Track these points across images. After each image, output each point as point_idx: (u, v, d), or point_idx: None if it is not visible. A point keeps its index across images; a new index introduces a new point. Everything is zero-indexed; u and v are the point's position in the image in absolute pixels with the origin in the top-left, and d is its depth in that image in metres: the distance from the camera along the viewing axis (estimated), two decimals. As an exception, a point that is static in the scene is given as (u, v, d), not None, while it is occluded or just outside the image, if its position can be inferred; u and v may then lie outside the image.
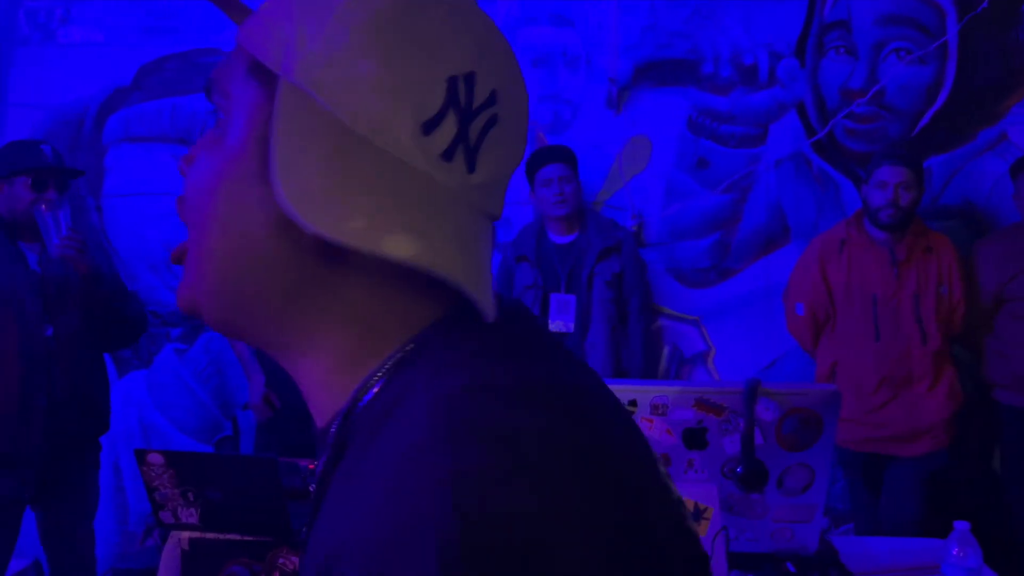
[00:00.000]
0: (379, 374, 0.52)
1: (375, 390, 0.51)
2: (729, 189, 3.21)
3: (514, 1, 3.28)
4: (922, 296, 2.66)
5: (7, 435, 2.41)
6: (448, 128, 0.50)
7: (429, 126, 0.49)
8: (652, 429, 1.72)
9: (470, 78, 0.51)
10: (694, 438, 1.72)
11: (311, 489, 0.58)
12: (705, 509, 1.69)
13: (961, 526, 1.67)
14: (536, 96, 3.30)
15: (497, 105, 0.52)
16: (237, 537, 2.01)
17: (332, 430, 0.53)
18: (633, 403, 1.72)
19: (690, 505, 1.69)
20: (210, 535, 2.02)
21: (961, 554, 1.65)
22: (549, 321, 3.01)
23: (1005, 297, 2.76)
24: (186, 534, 2.03)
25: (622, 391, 1.73)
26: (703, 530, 1.68)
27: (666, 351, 3.32)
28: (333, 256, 0.51)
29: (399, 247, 0.48)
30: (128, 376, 3.43)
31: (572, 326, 2.99)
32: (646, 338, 3.12)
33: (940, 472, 2.74)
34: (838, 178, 3.18)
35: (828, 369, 2.75)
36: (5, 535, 2.50)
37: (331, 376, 0.54)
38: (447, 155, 0.50)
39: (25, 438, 2.42)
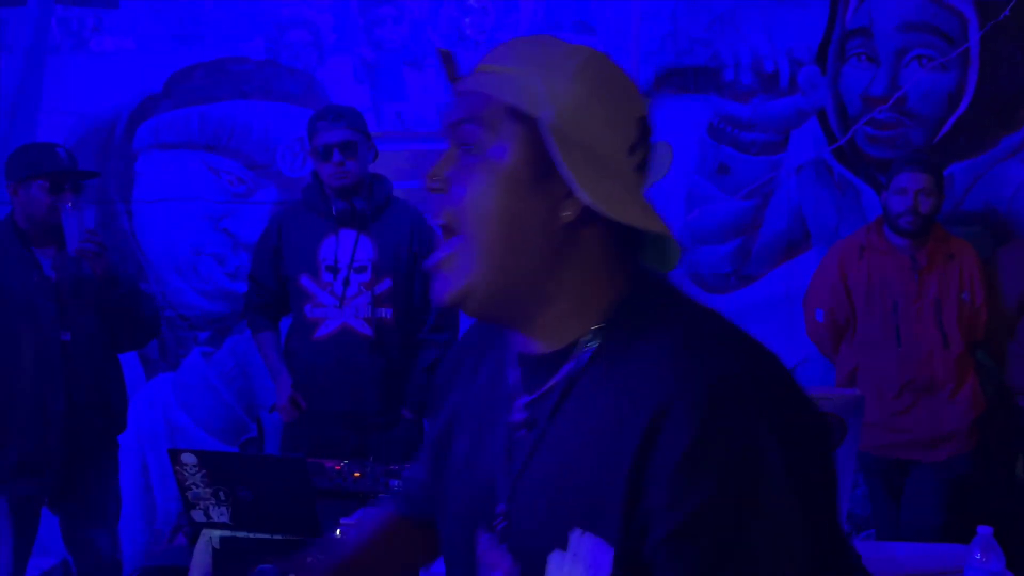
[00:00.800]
0: (612, 309, 0.78)
1: (609, 318, 0.78)
2: (750, 195, 3.23)
3: (538, 9, 3.31)
4: (944, 302, 2.66)
5: (27, 440, 2.44)
6: (640, 151, 0.79)
7: (632, 150, 0.78)
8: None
9: (645, 119, 0.80)
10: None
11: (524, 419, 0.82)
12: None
13: (984, 531, 1.68)
14: (558, 103, 3.33)
15: (650, 134, 0.80)
16: (267, 536, 2.05)
17: (584, 344, 0.78)
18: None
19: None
20: (241, 534, 2.06)
21: (984, 559, 1.66)
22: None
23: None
24: (217, 532, 2.08)
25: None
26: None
27: (686, 356, 3.34)
28: (574, 235, 0.77)
29: (649, 221, 0.76)
30: (156, 378, 3.49)
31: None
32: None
33: (963, 478, 2.74)
34: (859, 184, 3.19)
35: (848, 374, 2.75)
36: (25, 535, 2.53)
37: (572, 313, 0.79)
38: (637, 168, 0.79)
39: (44, 442, 2.45)
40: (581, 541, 0.72)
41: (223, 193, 3.44)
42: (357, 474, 2.33)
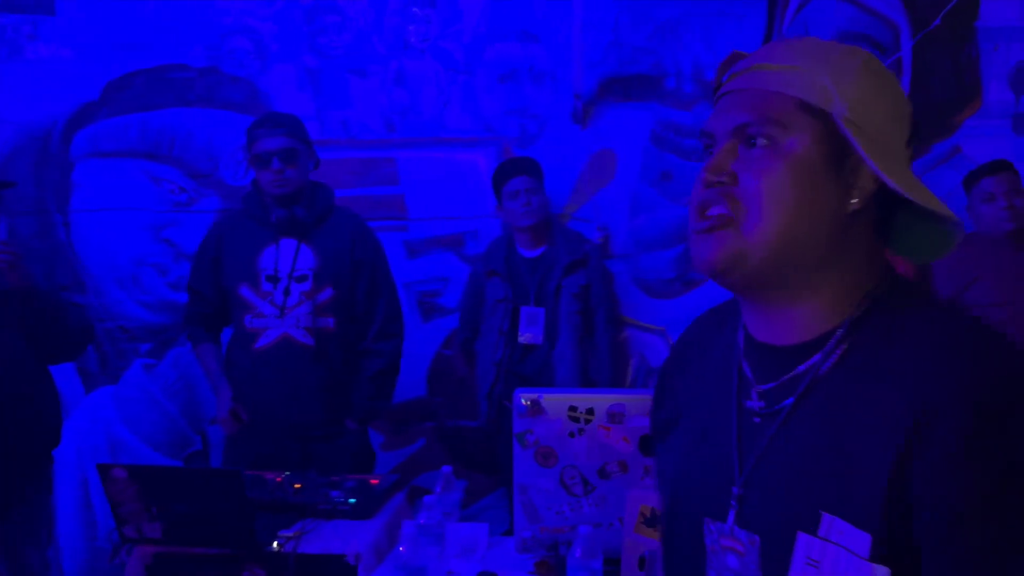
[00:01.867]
0: (865, 304, 0.81)
1: (862, 312, 0.81)
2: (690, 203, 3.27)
3: (481, 18, 3.33)
4: None
5: None
6: (912, 145, 0.84)
7: (909, 142, 0.83)
8: (609, 437, 1.76)
9: (912, 115, 0.84)
10: (650, 445, 1.75)
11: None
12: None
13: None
14: (503, 110, 3.34)
15: (918, 133, 0.85)
16: (203, 551, 2.01)
17: (838, 339, 0.81)
18: (591, 411, 1.75)
19: (647, 511, 1.73)
20: (175, 549, 2.02)
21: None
22: (519, 333, 3.05)
23: (960, 305, 2.84)
24: (150, 549, 2.04)
25: (579, 400, 1.77)
26: (657, 535, 1.71)
27: (633, 361, 3.37)
28: (852, 224, 0.81)
29: (942, 207, 0.80)
30: (95, 392, 3.42)
31: (541, 338, 3.02)
32: (613, 349, 3.16)
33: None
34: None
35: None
36: None
37: (827, 305, 0.82)
38: (909, 160, 0.84)
39: None
40: (833, 525, 0.75)
41: (164, 202, 3.38)
42: (297, 485, 2.30)
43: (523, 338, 3.04)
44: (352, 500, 2.21)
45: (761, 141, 0.81)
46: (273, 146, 2.54)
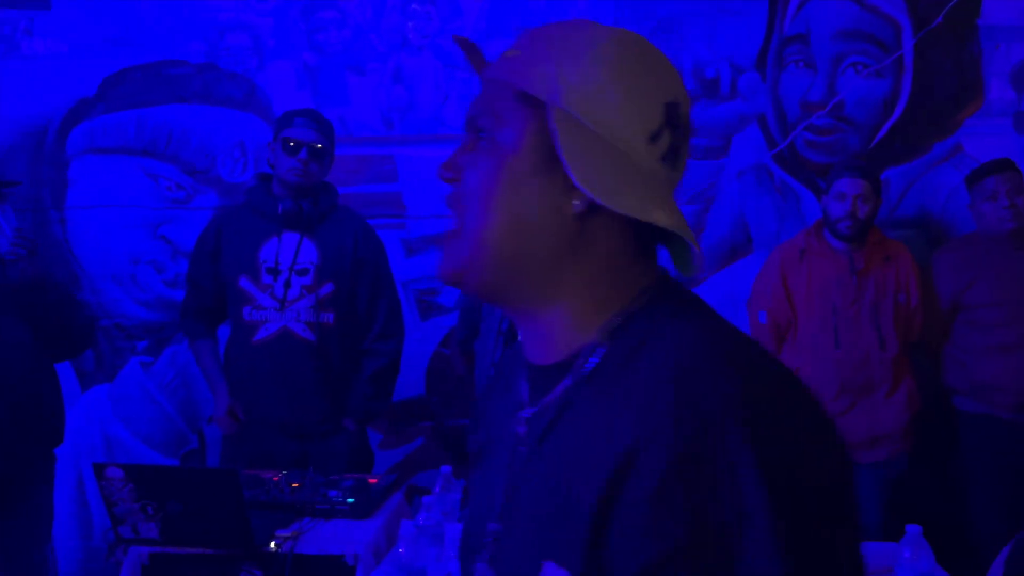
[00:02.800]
0: (619, 319, 0.72)
1: (615, 326, 0.71)
2: (693, 200, 3.25)
3: (481, 15, 3.31)
4: (880, 304, 2.71)
5: None
6: (665, 139, 0.72)
7: (654, 137, 0.72)
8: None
9: (676, 104, 0.73)
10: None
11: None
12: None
13: (913, 529, 1.70)
14: (502, 108, 3.32)
15: (687, 122, 0.75)
16: (199, 551, 2.00)
17: (585, 358, 0.72)
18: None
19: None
20: (171, 549, 2.01)
21: (913, 557, 1.68)
22: (519, 333, 3.03)
23: (962, 305, 2.82)
24: (146, 549, 2.02)
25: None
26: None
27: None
28: (585, 228, 0.72)
29: (658, 216, 0.70)
30: (91, 390, 3.39)
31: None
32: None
33: (901, 476, 2.78)
34: (799, 189, 3.24)
35: (790, 377, 2.78)
36: None
37: (576, 319, 0.73)
38: (664, 158, 0.72)
39: None
40: (548, 572, 0.67)
41: (161, 199, 3.36)
42: (295, 485, 2.28)
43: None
44: (350, 499, 2.20)
45: (483, 136, 0.74)
46: (307, 138, 2.54)
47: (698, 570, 0.60)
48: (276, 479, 2.30)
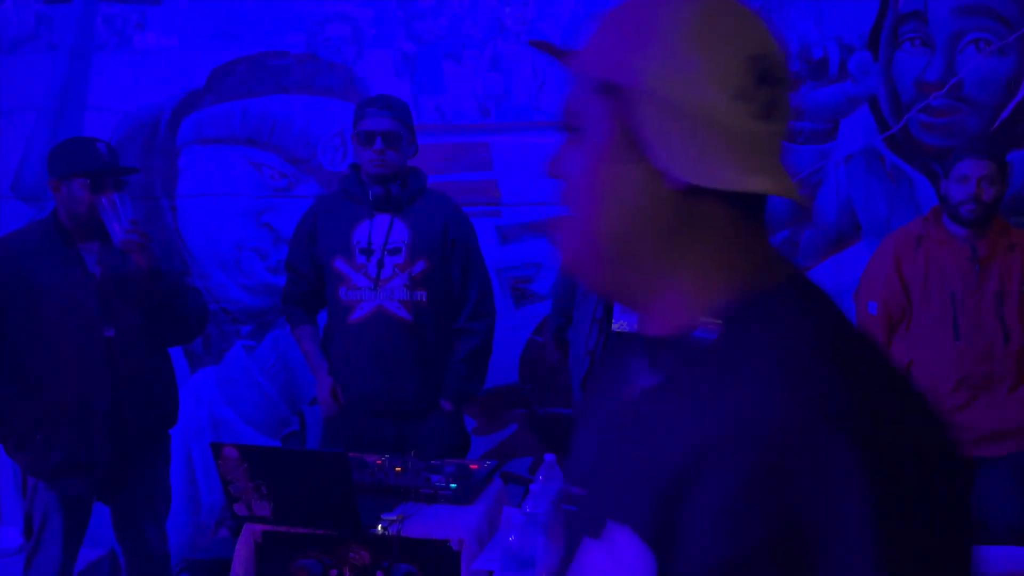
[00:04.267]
0: (732, 296, 0.69)
1: (725, 307, 0.69)
2: (798, 186, 3.15)
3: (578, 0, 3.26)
4: (1006, 294, 2.56)
5: (71, 439, 2.43)
6: (757, 94, 0.68)
7: (743, 96, 0.67)
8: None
9: (762, 56, 0.68)
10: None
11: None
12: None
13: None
14: (599, 93, 3.28)
15: (781, 70, 0.70)
16: (308, 531, 2.04)
17: (697, 334, 0.69)
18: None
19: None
20: (282, 528, 2.06)
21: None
22: (613, 321, 2.99)
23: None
24: (259, 527, 2.08)
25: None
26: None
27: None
28: (689, 205, 0.69)
29: (756, 182, 0.67)
30: (199, 372, 3.52)
31: (636, 326, 2.96)
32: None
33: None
34: (912, 174, 3.09)
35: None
36: (74, 531, 2.54)
37: (691, 295, 0.71)
38: (759, 115, 0.68)
39: (89, 441, 2.44)
40: (616, 534, 0.66)
41: (264, 188, 3.45)
42: (398, 469, 2.31)
43: (617, 325, 2.99)
44: (453, 485, 2.21)
45: (574, 130, 0.74)
46: (378, 127, 2.57)
47: (783, 568, 0.58)
48: (380, 462, 2.34)
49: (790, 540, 0.58)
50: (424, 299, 2.64)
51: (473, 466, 2.36)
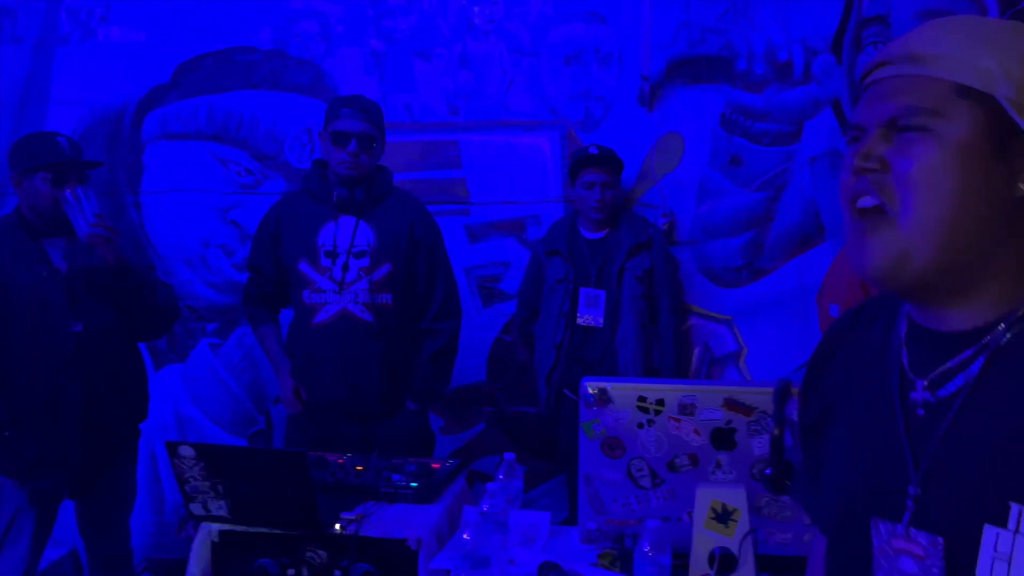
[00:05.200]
0: None
1: None
2: (762, 187, 3.17)
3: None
4: None
5: (41, 436, 2.40)
6: None
7: None
8: (680, 429, 1.71)
9: None
10: (722, 438, 1.70)
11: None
12: (733, 511, 1.67)
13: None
14: (568, 94, 3.29)
15: None
16: (267, 530, 2.03)
17: (1012, 320, 0.77)
18: (661, 402, 1.71)
19: (718, 506, 1.68)
20: (240, 528, 2.04)
21: None
22: (579, 315, 3.01)
23: None
24: (216, 526, 2.06)
25: (650, 390, 1.72)
26: (731, 532, 1.66)
27: (697, 351, 3.29)
28: (1021, 211, 0.76)
29: None
30: (164, 369, 3.49)
31: (601, 321, 2.98)
32: (677, 337, 3.09)
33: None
34: (875, 177, 3.12)
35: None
36: (42, 527, 2.52)
37: (1000, 292, 0.78)
38: None
39: (60, 438, 2.41)
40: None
41: (231, 184, 3.42)
42: (359, 468, 2.30)
43: (582, 319, 3.00)
44: (414, 484, 2.21)
45: (917, 129, 0.77)
46: (353, 128, 2.55)
47: None
48: (341, 461, 2.33)
49: None
50: (389, 301, 2.63)
51: (435, 465, 2.36)
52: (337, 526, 2.01)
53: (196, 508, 2.03)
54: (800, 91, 3.14)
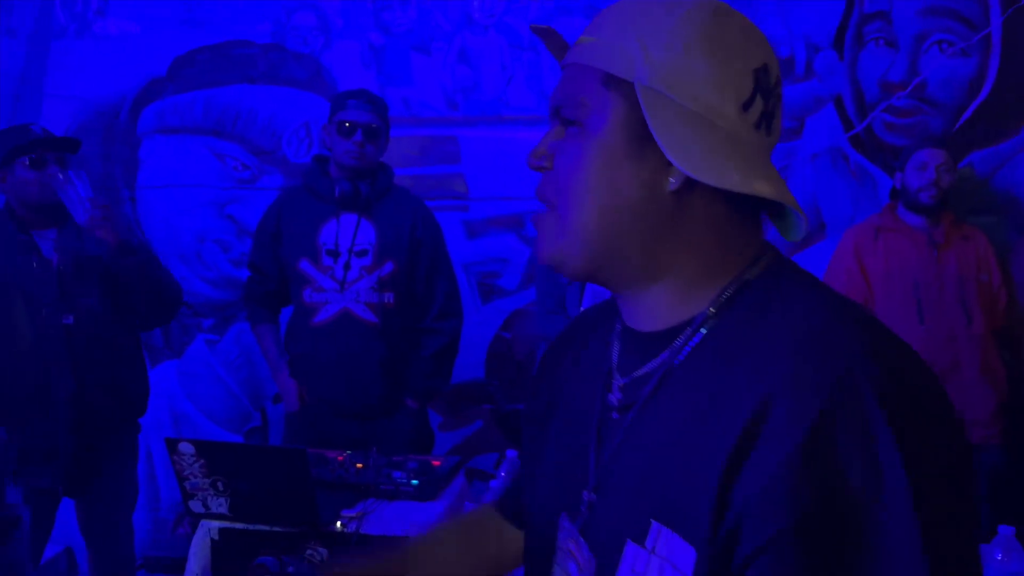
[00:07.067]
0: (732, 287, 0.72)
1: (728, 296, 0.72)
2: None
3: (547, -7, 3.25)
4: (965, 280, 2.64)
5: (32, 430, 2.37)
6: (758, 105, 0.70)
7: (746, 106, 0.70)
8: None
9: (765, 69, 0.72)
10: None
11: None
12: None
13: (1005, 531, 1.62)
14: (568, 89, 3.27)
15: (777, 84, 0.73)
16: (266, 528, 2.01)
17: (697, 326, 0.72)
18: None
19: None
20: (239, 525, 2.02)
21: (1005, 559, 1.60)
22: (581, 308, 2.99)
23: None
24: (216, 524, 2.04)
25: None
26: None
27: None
28: (683, 203, 0.71)
29: (759, 186, 0.69)
30: (160, 366, 3.46)
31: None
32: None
33: (995, 471, 2.67)
34: (876, 173, 3.12)
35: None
36: (41, 526, 2.48)
37: (684, 291, 0.73)
38: (758, 124, 0.71)
39: (51, 432, 2.38)
40: (660, 535, 0.66)
41: (228, 179, 3.40)
42: (359, 465, 2.28)
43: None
44: (415, 481, 2.19)
45: (571, 122, 0.74)
46: (360, 119, 2.53)
47: (830, 536, 0.58)
48: (341, 459, 2.31)
49: (836, 504, 0.58)
50: (391, 301, 2.61)
51: (435, 462, 2.34)
52: (338, 524, 1.99)
53: (195, 505, 2.00)
54: (802, 87, 3.12)
